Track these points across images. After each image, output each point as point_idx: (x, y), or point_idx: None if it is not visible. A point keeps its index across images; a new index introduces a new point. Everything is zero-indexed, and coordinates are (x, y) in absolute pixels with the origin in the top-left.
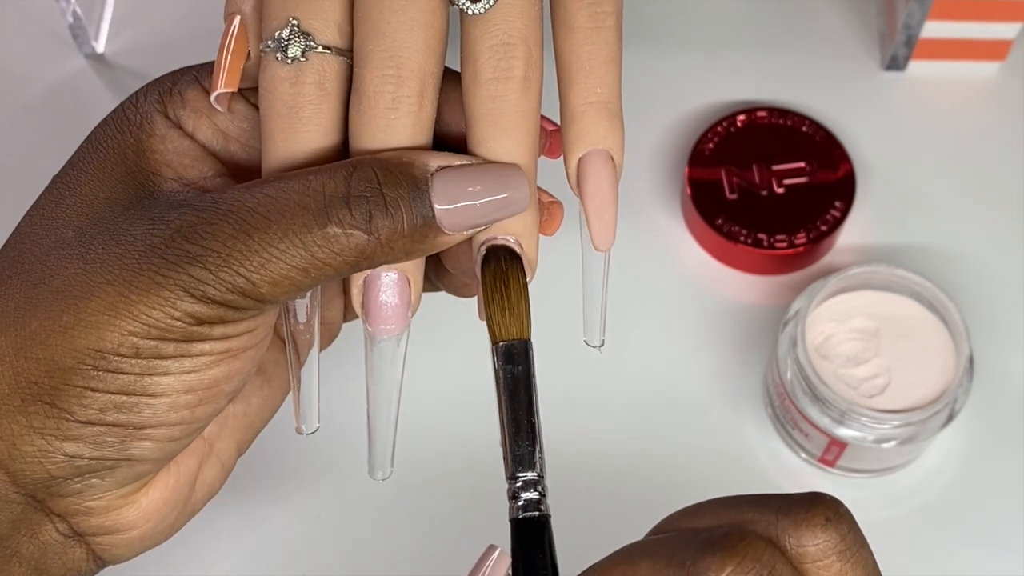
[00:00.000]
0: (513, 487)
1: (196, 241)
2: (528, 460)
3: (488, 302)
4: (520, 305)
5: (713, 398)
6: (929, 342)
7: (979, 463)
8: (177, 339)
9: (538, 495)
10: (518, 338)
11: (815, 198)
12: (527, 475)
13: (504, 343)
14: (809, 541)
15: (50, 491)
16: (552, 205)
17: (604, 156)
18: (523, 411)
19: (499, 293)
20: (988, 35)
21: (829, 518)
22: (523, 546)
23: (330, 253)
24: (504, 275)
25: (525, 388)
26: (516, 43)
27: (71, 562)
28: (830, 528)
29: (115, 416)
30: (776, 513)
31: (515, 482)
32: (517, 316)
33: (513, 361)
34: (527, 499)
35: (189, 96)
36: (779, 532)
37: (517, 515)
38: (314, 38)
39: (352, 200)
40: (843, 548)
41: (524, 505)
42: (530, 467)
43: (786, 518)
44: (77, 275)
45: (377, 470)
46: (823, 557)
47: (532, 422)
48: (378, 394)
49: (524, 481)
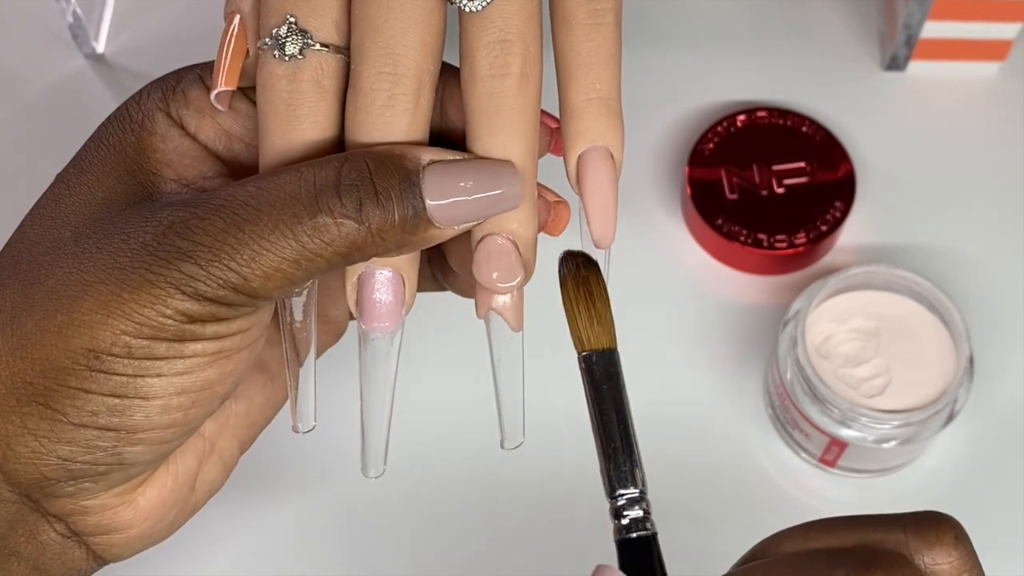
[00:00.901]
0: (615, 505)
1: (187, 236)
2: (629, 476)
3: (572, 310)
4: (606, 312)
5: (713, 398)
6: (929, 342)
7: (979, 463)
8: (169, 338)
9: (643, 512)
10: (608, 347)
11: (815, 198)
12: (629, 492)
13: (594, 352)
14: (943, 560)
15: (44, 492)
16: (559, 205)
17: (604, 153)
18: (617, 424)
19: (584, 299)
20: (988, 35)
21: (958, 536)
22: (634, 566)
23: (321, 244)
24: (586, 280)
25: (618, 400)
26: (513, 39)
27: (70, 561)
28: (960, 546)
29: (107, 419)
30: (904, 533)
31: (617, 500)
32: (604, 324)
33: (604, 372)
34: (633, 517)
35: (192, 95)
36: (911, 552)
37: (625, 535)
38: (312, 36)
39: (342, 189)
40: (972, 565)
41: (630, 524)
42: (632, 483)
43: (916, 537)
44: (71, 274)
45: (370, 467)
46: (958, 574)
47: (628, 435)
48: (372, 391)
49: (627, 499)
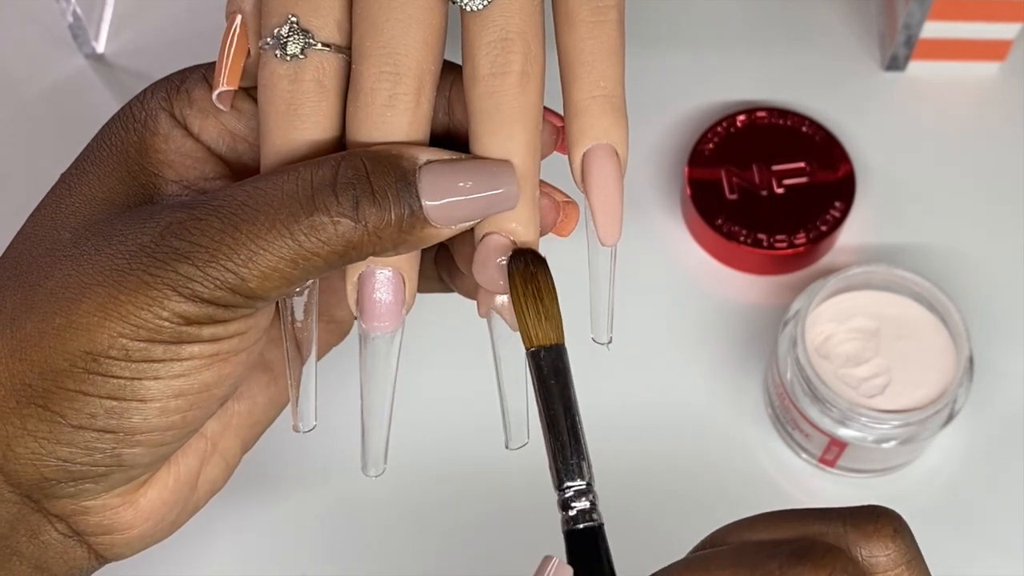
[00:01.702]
0: (563, 497)
1: (184, 238)
2: (576, 468)
3: (520, 307)
4: (554, 308)
5: (713, 398)
6: (929, 342)
7: (979, 463)
8: (166, 341)
9: (589, 504)
10: (556, 343)
11: (815, 198)
12: (576, 484)
13: (541, 348)
14: (880, 552)
15: (45, 492)
16: (568, 206)
17: (608, 150)
18: (565, 418)
19: (532, 296)
20: (988, 35)
21: (896, 529)
22: (580, 557)
23: (318, 243)
24: (534, 277)
25: (565, 394)
26: (514, 38)
27: (72, 560)
28: (898, 539)
29: (105, 421)
30: (843, 525)
31: (565, 492)
32: (552, 320)
33: (552, 367)
34: (579, 509)
35: (196, 95)
36: (849, 544)
37: (572, 526)
38: (313, 35)
39: (339, 188)
40: (910, 558)
41: (577, 515)
42: (578, 475)
43: (855, 530)
44: (70, 277)
45: (370, 466)
46: (893, 567)
47: (575, 429)
48: (372, 391)
49: (574, 491)
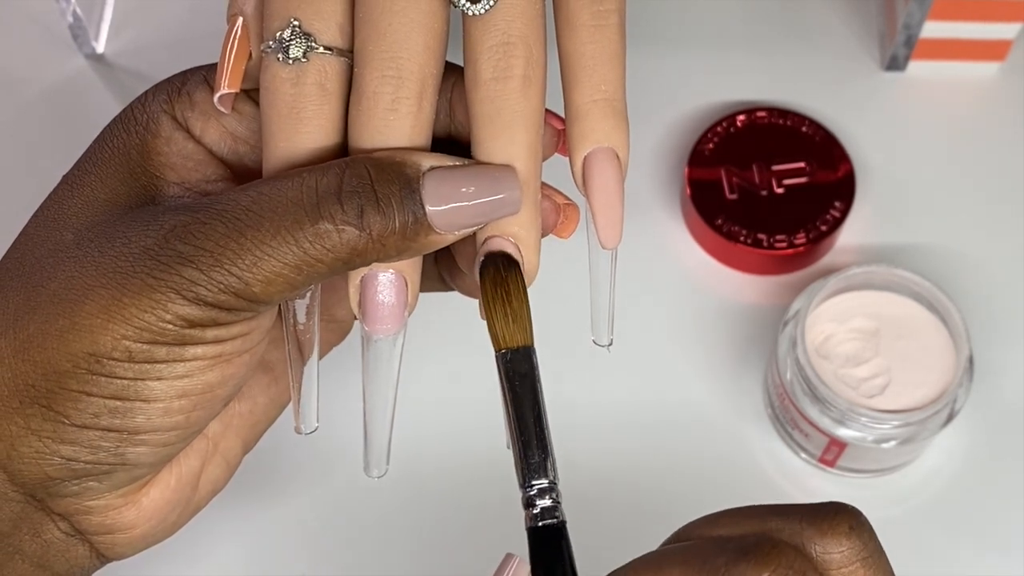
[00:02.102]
0: (527, 495)
1: (189, 241)
2: (540, 467)
3: (489, 309)
4: (522, 311)
5: (713, 398)
6: (929, 342)
7: (979, 463)
8: (169, 343)
9: (552, 502)
10: (523, 344)
11: (815, 198)
12: (540, 482)
13: (509, 350)
14: (834, 548)
15: (48, 491)
16: (568, 208)
17: (609, 154)
18: (531, 418)
19: (500, 299)
20: (988, 35)
21: (852, 526)
22: (542, 554)
23: (322, 250)
24: (504, 281)
25: (532, 395)
26: (516, 42)
27: (74, 559)
28: (853, 536)
29: (109, 421)
30: (800, 522)
31: (529, 490)
32: (520, 322)
33: (519, 368)
34: (543, 506)
35: (197, 97)
36: (804, 540)
37: (534, 523)
38: (315, 39)
39: (344, 196)
40: (866, 555)
41: (540, 513)
42: (543, 474)
43: (811, 527)
44: (73, 278)
45: (373, 468)
46: (847, 564)
47: (541, 429)
48: (374, 393)
49: (538, 488)
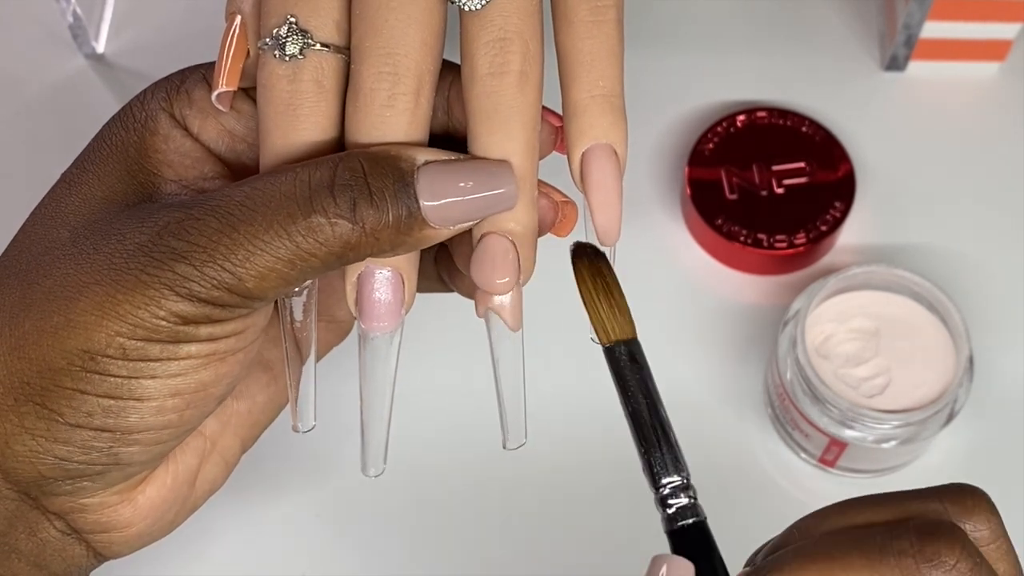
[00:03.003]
0: (661, 495)
1: (182, 237)
2: (672, 463)
3: (594, 302)
4: (624, 302)
5: (713, 398)
6: (929, 342)
7: (979, 463)
8: (163, 340)
9: (689, 499)
10: (632, 337)
11: (815, 198)
12: (672, 480)
13: (621, 343)
14: (984, 525)
15: (43, 490)
16: (566, 205)
17: (607, 150)
18: (651, 413)
19: (603, 291)
20: (988, 35)
21: (990, 503)
22: (690, 553)
23: (315, 243)
24: (601, 272)
25: (648, 388)
26: (512, 38)
27: (71, 558)
28: (995, 512)
29: (102, 420)
30: (943, 503)
31: (662, 490)
32: (626, 314)
33: (633, 361)
34: (679, 505)
35: (196, 95)
36: (953, 520)
37: (675, 525)
38: (312, 35)
39: (336, 188)
40: (1004, 530)
41: (679, 512)
42: (675, 470)
43: (955, 506)
44: (68, 275)
45: (370, 467)
46: (995, 539)
47: (664, 422)
48: (371, 391)
49: (672, 487)
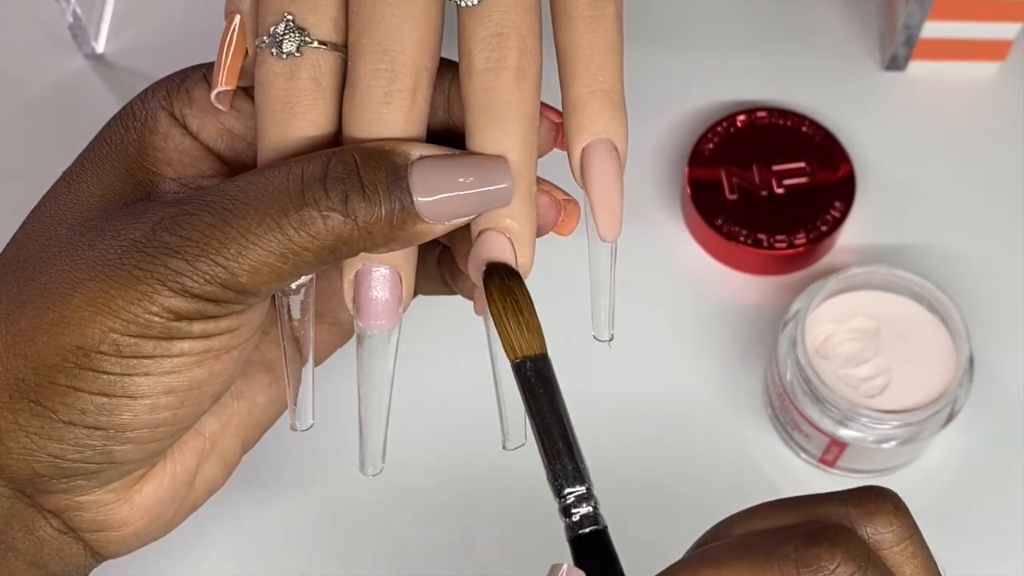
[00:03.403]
0: (564, 504)
1: (175, 232)
2: (573, 474)
3: (501, 319)
4: (534, 319)
5: (713, 399)
6: (929, 342)
7: (979, 463)
8: (156, 336)
9: (590, 508)
10: (539, 353)
11: (815, 198)
12: (575, 489)
13: (527, 359)
14: (885, 528)
15: (38, 488)
16: (568, 204)
17: (608, 145)
18: (557, 426)
19: (511, 308)
20: (988, 35)
21: (896, 505)
22: (589, 561)
23: (307, 237)
24: (511, 290)
25: (554, 402)
26: (509, 33)
27: (68, 557)
28: (899, 515)
29: (96, 418)
30: (846, 506)
31: (565, 499)
32: (534, 331)
33: (538, 376)
34: (582, 514)
35: (196, 94)
36: (853, 523)
37: (574, 532)
38: (309, 33)
39: (329, 182)
40: (911, 532)
41: (580, 521)
42: (577, 481)
43: (857, 509)
44: (64, 272)
45: (368, 466)
46: (898, 542)
47: (568, 435)
48: (369, 390)
49: (575, 496)
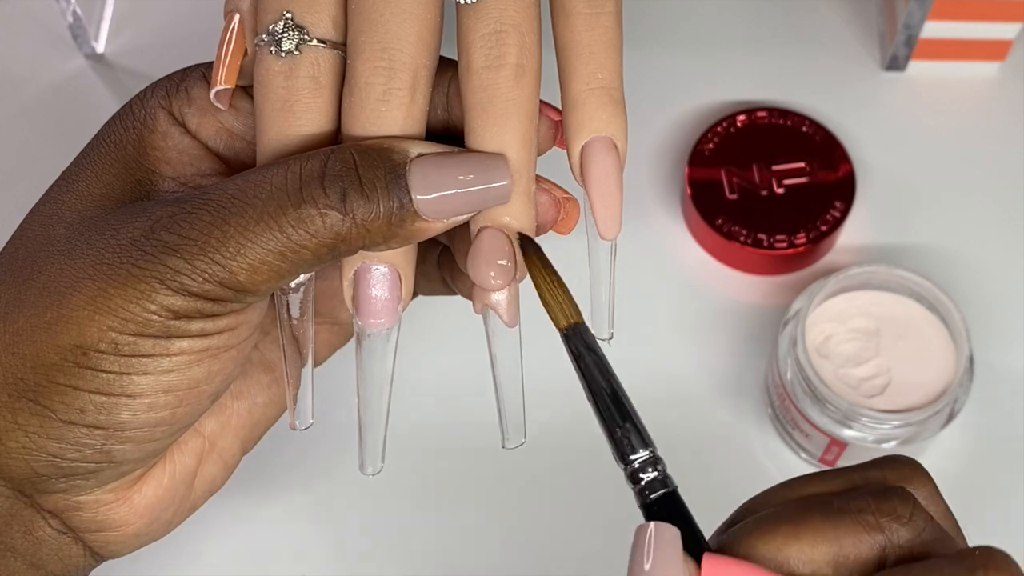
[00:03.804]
0: (630, 470)
1: (174, 231)
2: (637, 439)
3: (550, 290)
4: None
5: (713, 398)
6: (929, 342)
7: (979, 463)
8: (155, 335)
9: (658, 472)
10: (581, 321)
11: (815, 198)
12: (639, 455)
13: (577, 324)
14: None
15: (36, 488)
16: (568, 202)
17: (607, 143)
18: (612, 391)
19: (556, 277)
20: (988, 35)
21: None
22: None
23: (305, 235)
24: (547, 261)
25: (607, 368)
26: (508, 30)
27: (67, 557)
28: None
29: (95, 417)
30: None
31: (631, 465)
32: (573, 300)
33: (588, 342)
34: (651, 478)
35: (195, 93)
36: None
37: (648, 498)
38: (308, 31)
39: (327, 180)
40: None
41: (651, 484)
42: (641, 445)
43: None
44: (62, 271)
45: (368, 465)
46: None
47: (626, 400)
48: (368, 389)
49: (641, 461)
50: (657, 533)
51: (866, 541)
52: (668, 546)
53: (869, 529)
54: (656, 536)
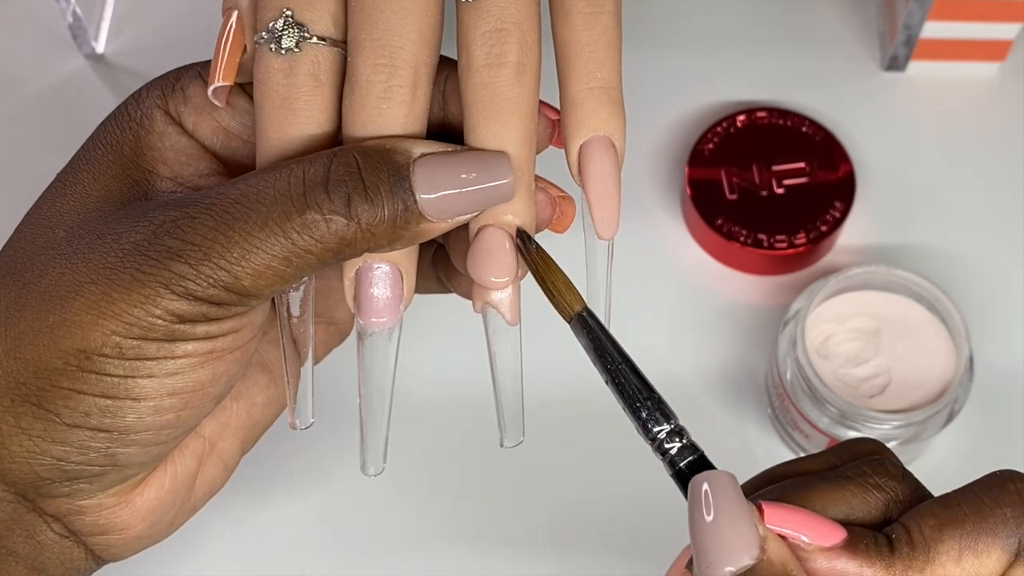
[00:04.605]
0: (657, 444)
1: (178, 236)
2: (659, 412)
3: (550, 279)
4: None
5: (713, 398)
6: (929, 342)
7: (979, 463)
8: (159, 338)
9: (684, 441)
10: (586, 307)
11: (815, 198)
12: (662, 428)
13: (585, 310)
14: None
15: (40, 492)
16: (563, 201)
17: (606, 142)
18: (627, 369)
19: (554, 267)
20: (988, 35)
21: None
22: None
23: (311, 240)
24: (541, 252)
25: (619, 348)
26: (509, 29)
27: (69, 561)
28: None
29: (99, 420)
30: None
31: (656, 439)
32: (573, 287)
33: (596, 325)
34: (678, 448)
35: (191, 92)
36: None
37: (679, 467)
38: (308, 29)
39: (331, 184)
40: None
41: (680, 453)
42: (664, 418)
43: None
44: (64, 275)
45: (369, 465)
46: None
47: (640, 376)
48: (370, 388)
49: (666, 433)
50: (713, 482)
51: (872, 500)
52: (729, 492)
53: (873, 489)
54: (713, 486)
